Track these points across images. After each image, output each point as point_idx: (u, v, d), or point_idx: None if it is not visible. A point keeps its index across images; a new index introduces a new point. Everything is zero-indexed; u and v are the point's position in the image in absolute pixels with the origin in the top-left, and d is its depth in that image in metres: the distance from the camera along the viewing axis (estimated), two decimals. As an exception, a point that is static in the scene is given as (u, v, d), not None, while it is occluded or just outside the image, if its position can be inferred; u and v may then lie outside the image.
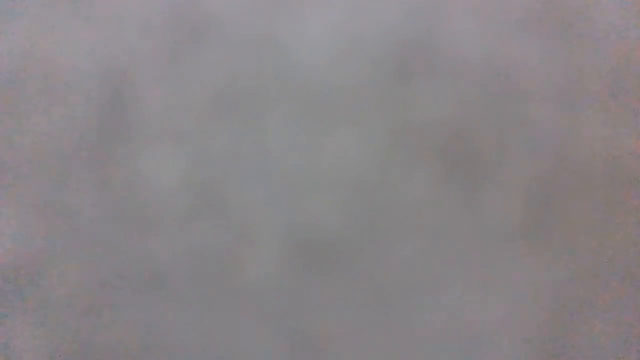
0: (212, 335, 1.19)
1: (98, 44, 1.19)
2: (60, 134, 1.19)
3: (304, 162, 1.20)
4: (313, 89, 1.20)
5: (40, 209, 1.18)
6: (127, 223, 1.19)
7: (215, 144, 1.20)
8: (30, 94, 1.19)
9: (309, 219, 1.20)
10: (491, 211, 1.21)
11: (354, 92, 1.21)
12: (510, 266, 1.21)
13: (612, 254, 1.22)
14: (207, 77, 1.20)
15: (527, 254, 1.22)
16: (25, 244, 1.18)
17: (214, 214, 1.19)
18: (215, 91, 1.20)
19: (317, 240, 1.20)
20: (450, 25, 1.22)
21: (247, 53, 1.20)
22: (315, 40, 1.21)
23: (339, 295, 1.20)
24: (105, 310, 1.18)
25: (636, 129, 1.23)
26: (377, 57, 1.21)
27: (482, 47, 1.22)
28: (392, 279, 1.21)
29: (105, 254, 1.18)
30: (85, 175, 1.19)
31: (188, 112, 1.20)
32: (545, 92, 1.22)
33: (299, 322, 1.20)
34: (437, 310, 1.21)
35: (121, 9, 1.19)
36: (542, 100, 1.22)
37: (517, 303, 1.21)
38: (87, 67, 1.19)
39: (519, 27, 1.22)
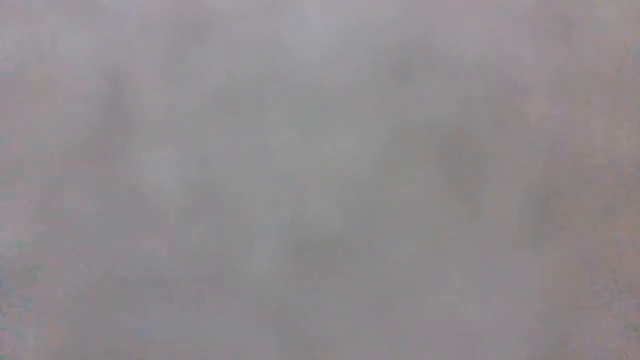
0: (212, 335, 1.19)
1: (98, 44, 1.19)
2: (61, 133, 1.19)
3: (304, 162, 1.20)
4: (313, 89, 1.21)
5: (40, 209, 1.18)
6: (127, 223, 1.19)
7: (216, 144, 1.20)
8: (30, 94, 1.19)
9: (309, 219, 1.20)
10: (491, 211, 1.21)
11: (354, 92, 1.21)
12: (510, 266, 1.21)
13: (612, 254, 1.22)
14: (208, 77, 1.20)
15: (526, 254, 1.22)
16: (25, 244, 1.18)
17: (214, 214, 1.19)
18: (216, 91, 1.20)
19: (317, 240, 1.20)
20: (449, 24, 1.22)
21: (247, 53, 1.20)
22: (315, 40, 1.21)
23: (339, 295, 1.20)
24: (105, 310, 1.18)
25: (636, 129, 1.23)
26: (376, 57, 1.21)
27: (481, 46, 1.22)
28: (392, 279, 1.21)
29: (105, 254, 1.18)
30: (85, 175, 1.19)
31: (188, 112, 1.20)
32: (544, 92, 1.23)
33: (298, 322, 1.20)
34: (437, 310, 1.21)
35: (121, 9, 1.19)
36: (542, 99, 1.22)
37: (517, 303, 1.21)
38: (87, 67, 1.19)
39: (519, 26, 1.23)
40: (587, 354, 1.22)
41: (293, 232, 1.20)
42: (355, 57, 1.21)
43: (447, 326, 1.21)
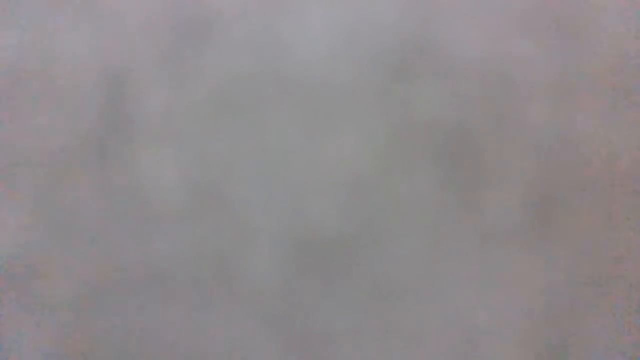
0: (212, 336, 1.19)
1: (98, 44, 1.19)
2: (61, 134, 1.19)
3: (304, 162, 1.20)
4: (313, 89, 1.21)
5: (40, 209, 1.18)
6: (127, 223, 1.19)
7: (216, 144, 1.20)
8: (31, 93, 1.19)
9: (309, 219, 1.20)
10: (491, 211, 1.21)
11: (354, 92, 1.21)
12: (510, 266, 1.21)
13: (611, 254, 1.22)
14: (208, 77, 1.20)
15: (526, 254, 1.22)
16: (25, 244, 1.18)
17: (214, 214, 1.19)
18: (216, 91, 1.20)
19: (317, 241, 1.20)
20: (450, 24, 1.22)
21: (247, 53, 1.20)
22: (316, 40, 1.21)
23: (339, 295, 1.20)
24: (105, 310, 1.18)
25: (636, 129, 1.23)
26: (377, 57, 1.21)
27: (482, 47, 1.22)
28: (392, 279, 1.21)
29: (105, 254, 1.18)
30: (85, 175, 1.19)
31: (188, 112, 1.20)
32: (544, 92, 1.23)
33: (298, 322, 1.20)
34: (437, 310, 1.21)
35: (121, 9, 1.19)
36: (542, 100, 1.22)
37: (517, 303, 1.22)
38: (87, 67, 1.19)
39: (519, 27, 1.23)
40: (587, 353, 1.22)
41: (293, 231, 1.20)
42: (355, 57, 1.21)
43: (447, 326, 1.21)
